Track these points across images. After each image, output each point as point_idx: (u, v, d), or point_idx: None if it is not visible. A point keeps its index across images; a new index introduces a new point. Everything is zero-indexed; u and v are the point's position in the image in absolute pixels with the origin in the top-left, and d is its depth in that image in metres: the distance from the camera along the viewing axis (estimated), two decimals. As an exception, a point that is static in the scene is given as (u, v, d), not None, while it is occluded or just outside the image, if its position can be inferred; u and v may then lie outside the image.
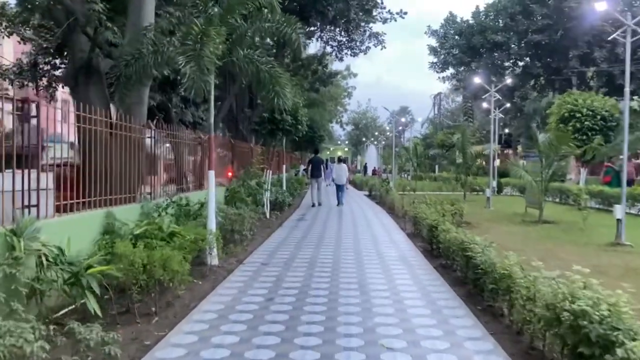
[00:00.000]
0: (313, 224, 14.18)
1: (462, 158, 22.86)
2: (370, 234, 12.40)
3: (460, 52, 41.52)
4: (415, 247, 10.54)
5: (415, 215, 12.41)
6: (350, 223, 14.45)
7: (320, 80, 33.77)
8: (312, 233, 12.26)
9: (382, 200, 21.75)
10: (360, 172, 55.03)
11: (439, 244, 9.42)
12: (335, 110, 54.63)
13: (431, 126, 64.19)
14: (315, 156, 21.61)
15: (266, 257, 9.16)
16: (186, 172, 12.66)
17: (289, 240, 11.16)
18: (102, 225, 6.84)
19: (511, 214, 17.47)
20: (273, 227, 13.29)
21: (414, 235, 12.32)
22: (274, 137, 14.94)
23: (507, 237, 12.06)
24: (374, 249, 10.16)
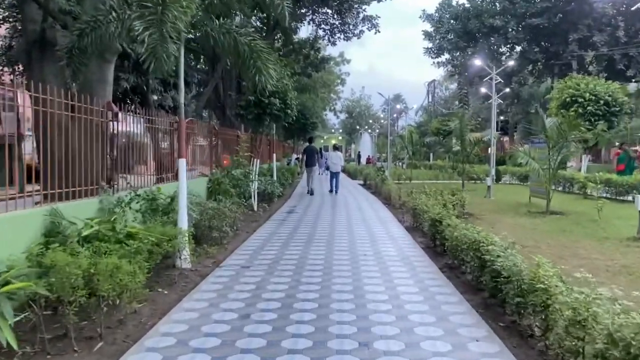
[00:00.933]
0: (304, 216, 13.05)
1: (461, 145, 21.76)
2: (366, 227, 11.29)
3: (456, 37, 40.24)
4: (415, 243, 9.44)
5: (414, 207, 11.31)
6: (344, 215, 13.34)
7: (313, 65, 32.51)
8: (303, 228, 11.13)
9: (377, 190, 20.67)
10: (354, 161, 53.88)
11: (443, 241, 8.33)
12: (329, 98, 53.33)
13: (425, 114, 63.07)
14: (309, 145, 21.83)
15: (248, 257, 8.02)
16: (163, 161, 11.49)
17: (277, 236, 10.02)
18: (44, 227, 5.66)
19: (514, 204, 16.42)
20: (260, 221, 12.16)
21: (413, 229, 11.24)
22: (260, 122, 13.74)
23: (516, 231, 10.99)
24: (371, 246, 9.04)
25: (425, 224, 10.54)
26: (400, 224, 12.02)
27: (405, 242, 9.51)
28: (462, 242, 7.03)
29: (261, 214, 13.22)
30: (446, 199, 13.00)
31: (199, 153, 14.60)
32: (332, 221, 12.23)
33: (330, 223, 11.89)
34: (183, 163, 7.43)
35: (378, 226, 11.56)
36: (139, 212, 7.54)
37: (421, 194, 13.30)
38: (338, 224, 11.70)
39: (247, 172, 11.97)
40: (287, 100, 13.75)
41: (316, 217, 12.90)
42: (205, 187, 12.47)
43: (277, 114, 13.62)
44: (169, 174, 11.34)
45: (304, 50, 31.84)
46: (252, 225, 11.56)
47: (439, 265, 7.72)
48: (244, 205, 13.94)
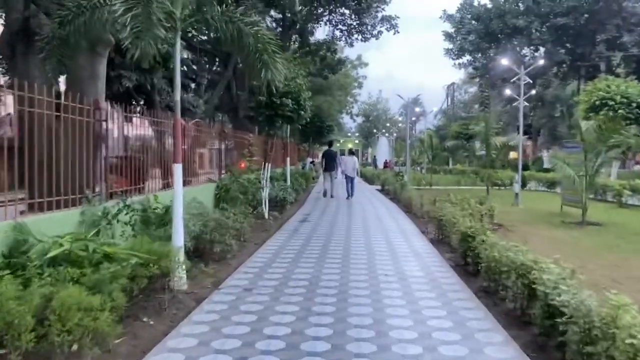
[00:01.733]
0: (318, 226, 12.05)
1: (485, 150, 20.58)
2: (386, 240, 10.25)
3: (478, 38, 38.98)
4: (443, 260, 8.39)
5: (440, 218, 10.26)
6: (361, 225, 12.31)
7: (329, 67, 31.53)
8: (316, 239, 10.13)
9: (396, 196, 19.60)
10: (370, 165, 52.77)
11: (476, 259, 7.27)
12: (345, 101, 52.33)
13: (444, 117, 61.73)
14: (329, 149, 21.24)
15: (253, 276, 7.04)
16: (169, 165, 10.61)
17: (287, 250, 9.03)
18: (6, 245, 4.75)
19: (546, 213, 15.25)
20: (270, 231, 11.20)
21: (438, 242, 10.18)
22: (272, 124, 12.79)
23: (555, 246, 9.87)
24: (392, 263, 8.00)
25: (453, 237, 9.50)
26: (424, 236, 10.96)
27: (431, 259, 8.45)
28: (502, 264, 5.99)
29: (272, 222, 12.26)
30: (473, 208, 11.99)
31: (207, 157, 13.73)
32: (348, 232, 11.22)
33: (346, 234, 10.88)
34: (179, 169, 6.49)
35: (399, 238, 10.51)
36: (129, 225, 6.61)
37: (446, 202, 12.27)
38: (354, 236, 10.68)
39: (256, 178, 11.00)
40: (300, 101, 12.78)
41: (331, 227, 11.89)
42: (212, 194, 11.56)
43: (289, 115, 12.66)
44: (188, 178, 10.46)
45: (321, 52, 30.91)
46: (261, 235, 10.60)
47: (473, 288, 6.67)
48: (254, 214, 13.02)
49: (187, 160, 10.61)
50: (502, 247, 6.28)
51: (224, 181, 11.97)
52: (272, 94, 12.49)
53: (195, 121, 11.62)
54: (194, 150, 12.17)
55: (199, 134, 12.29)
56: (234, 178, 12.05)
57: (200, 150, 12.92)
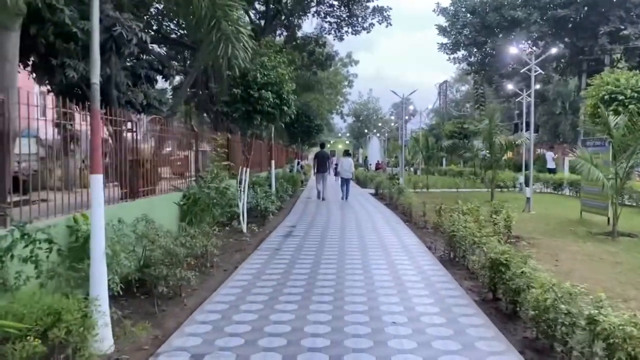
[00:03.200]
0: (304, 242, 10.13)
1: (489, 149, 18.77)
2: (387, 260, 8.36)
3: (474, 32, 37.21)
4: (462, 292, 6.51)
5: (452, 234, 8.39)
6: (357, 240, 10.41)
7: (318, 63, 29.64)
8: (301, 263, 8.21)
9: (392, 202, 17.74)
10: (362, 166, 50.90)
11: (514, 297, 5.42)
12: (335, 100, 50.46)
13: (437, 116, 60.08)
14: (321, 150, 21.08)
15: (210, 329, 5.10)
16: (133, 171, 8.68)
17: (263, 280, 7.09)
18: None
19: (564, 221, 13.43)
20: (246, 251, 9.27)
21: (450, 263, 8.35)
22: (250, 122, 10.86)
23: (591, 266, 8.08)
24: (400, 301, 6.08)
25: (469, 257, 7.67)
26: (432, 254, 9.09)
27: (447, 290, 6.55)
28: (560, 311, 4.17)
29: (249, 239, 10.31)
30: (482, 217, 10.22)
31: (176, 161, 11.79)
32: (341, 250, 9.30)
33: (339, 254, 8.96)
34: (97, 182, 4.52)
35: (402, 258, 8.61)
36: (32, 263, 4.64)
37: (453, 211, 10.43)
38: (349, 256, 8.76)
39: (226, 188, 9.05)
40: (282, 95, 10.89)
41: (320, 244, 9.98)
42: (176, 207, 9.61)
43: (270, 111, 10.76)
44: (143, 188, 8.53)
45: (309, 47, 29.03)
46: (234, 258, 8.67)
47: (514, 340, 4.83)
48: (228, 228, 11.10)
49: (141, 165, 8.67)
50: (565, 291, 4.43)
51: (191, 190, 10.01)
52: (249, 85, 10.61)
53: (153, 117, 9.67)
54: (156, 152, 10.24)
55: (164, 134, 10.34)
56: (205, 186, 10.09)
57: (166, 154, 10.96)
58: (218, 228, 11.29)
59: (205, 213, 9.81)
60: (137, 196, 8.40)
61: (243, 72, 10.70)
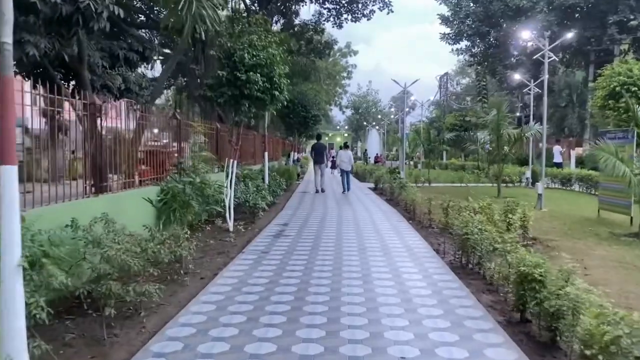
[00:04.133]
0: (297, 244, 9.00)
1: (497, 142, 17.63)
2: (391, 269, 7.23)
3: (477, 21, 35.95)
4: (483, 310, 5.40)
5: (466, 236, 7.26)
6: (355, 242, 9.28)
7: (316, 51, 28.41)
8: (291, 270, 7.08)
9: (393, 197, 16.64)
10: (361, 160, 49.78)
11: (552, 321, 4.32)
12: (334, 91, 49.22)
13: (438, 109, 58.86)
14: (318, 142, 21.22)
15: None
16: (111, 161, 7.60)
17: (243, 294, 5.97)
18: None
19: (581, 220, 12.35)
20: (230, 254, 8.15)
21: (463, 270, 7.27)
22: (236, 108, 9.71)
23: (626, 275, 7.00)
24: (409, 322, 4.96)
25: (486, 264, 6.60)
26: (440, 258, 7.98)
27: (467, 311, 5.40)
28: (630, 353, 3.06)
29: (233, 240, 9.16)
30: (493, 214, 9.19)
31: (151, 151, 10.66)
32: (337, 254, 8.18)
33: (335, 259, 7.84)
34: (8, 174, 3.38)
35: (408, 265, 7.49)
36: None
37: (463, 209, 9.36)
38: (347, 262, 7.63)
39: (202, 182, 7.87)
40: (273, 78, 9.71)
41: (314, 246, 8.85)
42: (154, 202, 8.47)
43: (259, 96, 9.59)
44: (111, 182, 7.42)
45: (307, 35, 27.80)
46: (214, 262, 7.55)
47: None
48: (211, 227, 10.01)
49: (110, 155, 7.54)
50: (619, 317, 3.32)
51: (171, 183, 8.88)
52: (236, 67, 9.45)
53: (127, 102, 8.53)
54: (130, 141, 9.11)
55: (141, 120, 9.19)
56: (187, 179, 8.96)
57: (144, 143, 9.83)
58: (201, 227, 10.22)
59: (185, 210, 8.70)
60: (102, 191, 7.28)
61: (229, 52, 9.54)
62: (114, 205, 7.20)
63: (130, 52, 11.70)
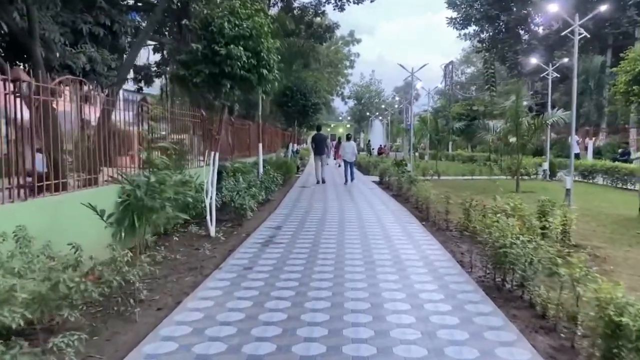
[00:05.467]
0: (288, 255, 7.36)
1: (516, 131, 15.94)
2: (409, 293, 5.58)
3: (486, 5, 34.04)
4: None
5: (502, 250, 5.62)
6: (361, 251, 7.62)
7: (316, 35, 26.64)
8: (278, 295, 5.45)
9: (401, 192, 15.01)
10: (364, 151, 48.07)
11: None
12: (336, 80, 47.42)
13: (443, 98, 57.03)
14: (318, 133, 21.01)
15: None
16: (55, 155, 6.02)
17: (209, 341, 4.34)
18: None
19: (621, 220, 10.70)
20: (203, 270, 6.52)
21: (500, 293, 5.62)
22: (216, 90, 8.04)
23: None
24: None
25: (534, 289, 5.00)
26: (467, 274, 6.35)
27: (511, 344, 3.78)
28: None
29: (210, 250, 7.51)
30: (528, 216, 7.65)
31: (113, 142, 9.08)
32: (339, 272, 6.51)
33: (336, 278, 6.18)
34: None
35: (430, 287, 5.83)
36: None
37: (492, 211, 7.77)
38: (351, 284, 5.97)
39: (156, 182, 6.19)
40: (261, 53, 8.03)
41: (310, 258, 7.20)
42: (110, 207, 6.83)
43: (244, 75, 7.92)
44: (55, 181, 5.84)
45: (307, 18, 26.04)
46: (181, 283, 5.93)
47: None
48: (187, 233, 8.41)
49: (53, 147, 5.93)
50: None
51: (134, 182, 7.22)
52: (214, 39, 7.79)
53: (74, 80, 6.88)
54: (100, 131, 7.52)
55: (96, 105, 7.56)
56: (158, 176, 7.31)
57: (105, 133, 8.19)
58: (178, 232, 8.61)
59: (152, 215, 7.05)
60: (37, 193, 5.66)
61: (205, 22, 7.87)
62: (50, 213, 5.59)
63: (96, 27, 10.04)
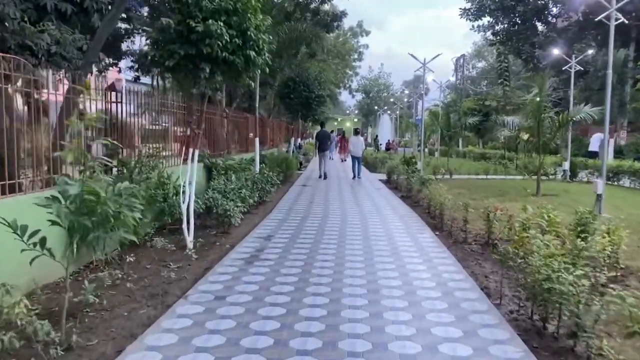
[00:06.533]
0: (275, 277, 6.02)
1: (537, 128, 14.49)
2: (426, 343, 4.25)
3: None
4: None
5: (549, 286, 4.27)
6: (363, 269, 6.26)
7: (322, 24, 25.17)
8: (252, 345, 4.14)
9: (410, 193, 13.67)
10: (371, 146, 46.65)
11: None
12: (343, 72, 45.94)
13: (454, 92, 55.36)
14: (322, 130, 21.37)
15: None
16: None
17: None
18: None
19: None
20: (165, 299, 5.21)
21: (545, 342, 4.27)
22: (195, 74, 6.69)
23: None
24: None
25: (593, 339, 3.64)
26: (495, 309, 5.01)
27: None
28: None
29: (174, 273, 6.18)
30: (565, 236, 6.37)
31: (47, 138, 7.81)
32: (335, 303, 5.17)
33: (331, 310, 4.85)
34: None
35: (451, 330, 4.49)
36: None
37: (529, 227, 6.47)
38: (350, 317, 4.65)
39: (91, 191, 4.88)
40: (247, 31, 6.68)
41: (302, 281, 5.86)
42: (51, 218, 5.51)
43: (227, 57, 6.58)
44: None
45: (312, 5, 24.57)
46: (135, 317, 4.63)
47: None
48: (153, 246, 7.13)
49: None
50: None
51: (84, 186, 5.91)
52: (189, 13, 6.45)
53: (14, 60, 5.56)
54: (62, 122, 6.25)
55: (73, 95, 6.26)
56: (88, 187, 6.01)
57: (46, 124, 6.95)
58: (152, 241, 7.31)
59: (112, 226, 5.74)
60: None
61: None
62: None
63: (63, 3, 8.70)
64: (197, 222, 8.93)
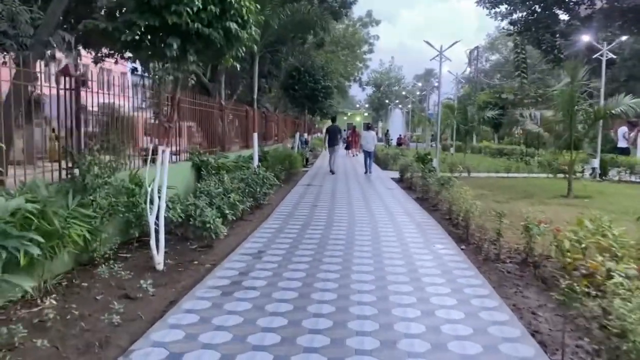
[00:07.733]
0: (258, 317, 4.58)
1: (569, 122, 12.91)
2: None
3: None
4: None
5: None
6: (372, 302, 4.79)
7: (330, 11, 23.63)
8: None
9: (427, 195, 12.19)
10: (382, 141, 45.08)
11: None
12: (353, 64, 44.32)
13: (468, 85, 53.53)
14: (333, 124, 21.15)
15: None
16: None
17: None
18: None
19: None
20: (104, 353, 3.77)
21: None
22: (160, 50, 5.22)
23: None
24: None
25: None
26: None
27: None
28: None
29: (131, 304, 4.76)
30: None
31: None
32: (334, 359, 3.74)
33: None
34: None
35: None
36: None
37: (596, 251, 4.99)
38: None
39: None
40: None
41: (293, 325, 4.42)
42: None
43: (202, 31, 5.14)
44: None
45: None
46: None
47: None
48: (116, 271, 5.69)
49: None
50: None
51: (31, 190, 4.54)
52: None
53: None
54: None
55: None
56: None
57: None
58: (118, 258, 5.90)
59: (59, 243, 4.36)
60: None
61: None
62: None
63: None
64: (177, 233, 7.55)
